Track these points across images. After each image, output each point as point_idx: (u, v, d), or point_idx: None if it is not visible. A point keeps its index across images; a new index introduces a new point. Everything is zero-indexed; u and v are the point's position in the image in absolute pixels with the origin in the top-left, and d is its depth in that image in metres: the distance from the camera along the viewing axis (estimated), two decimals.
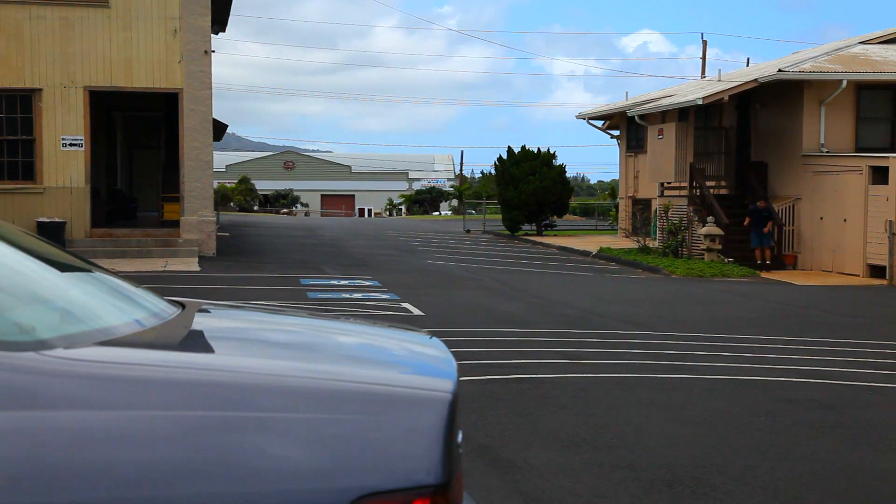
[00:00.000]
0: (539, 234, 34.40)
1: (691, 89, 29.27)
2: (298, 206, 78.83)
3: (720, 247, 23.31)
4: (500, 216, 37.59)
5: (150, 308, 2.98)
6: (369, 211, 76.15)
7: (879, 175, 21.39)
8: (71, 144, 21.44)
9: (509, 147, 35.14)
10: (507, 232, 35.10)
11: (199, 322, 3.12)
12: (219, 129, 27.98)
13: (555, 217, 35.34)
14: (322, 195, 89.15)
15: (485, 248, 28.58)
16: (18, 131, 21.38)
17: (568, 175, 36.20)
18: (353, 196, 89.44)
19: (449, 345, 3.13)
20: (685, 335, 12.33)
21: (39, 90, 21.28)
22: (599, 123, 35.67)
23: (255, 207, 71.81)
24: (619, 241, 30.54)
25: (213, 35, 22.62)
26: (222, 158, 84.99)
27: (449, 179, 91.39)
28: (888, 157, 21.42)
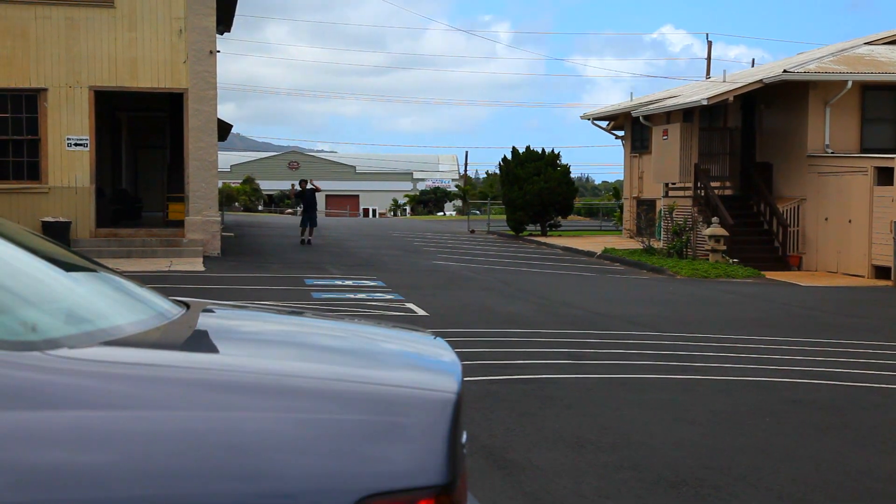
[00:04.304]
0: (543, 234, 34.40)
1: (696, 90, 29.23)
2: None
3: (725, 247, 23.28)
4: (504, 217, 37.58)
5: (155, 308, 2.98)
6: (374, 211, 76.16)
7: (885, 176, 21.35)
8: (76, 144, 21.47)
9: (514, 147, 35.14)
10: (512, 232, 35.08)
11: (204, 322, 3.12)
12: (223, 129, 28.01)
13: (559, 217, 35.34)
14: (326, 195, 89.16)
15: (489, 249, 28.57)
16: (24, 131, 21.41)
17: (572, 175, 36.19)
18: (358, 196, 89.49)
19: (453, 345, 3.13)
20: (690, 336, 12.31)
21: (45, 90, 21.32)
22: (604, 124, 35.67)
23: (260, 207, 71.90)
24: (624, 242, 30.52)
25: (218, 35, 22.65)
26: (227, 158, 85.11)
27: (453, 180, 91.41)
28: (893, 157, 21.37)
